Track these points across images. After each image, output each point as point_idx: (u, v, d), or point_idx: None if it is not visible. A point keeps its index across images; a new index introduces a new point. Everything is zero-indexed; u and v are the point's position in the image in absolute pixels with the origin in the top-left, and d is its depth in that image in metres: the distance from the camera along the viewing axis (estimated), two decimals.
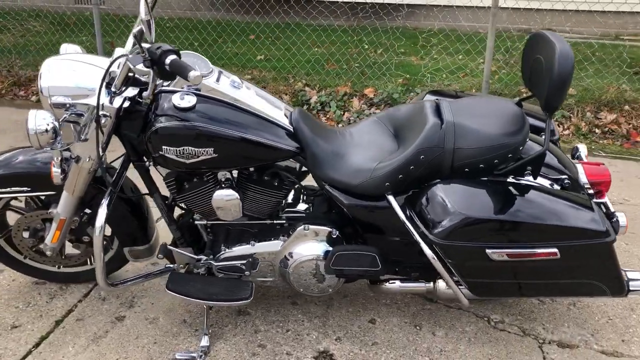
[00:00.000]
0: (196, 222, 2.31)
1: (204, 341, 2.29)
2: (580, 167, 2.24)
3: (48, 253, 2.41)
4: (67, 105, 2.00)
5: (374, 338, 2.36)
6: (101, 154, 2.08)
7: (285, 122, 2.15)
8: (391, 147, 2.21)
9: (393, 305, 2.55)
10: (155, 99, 2.06)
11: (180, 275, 2.34)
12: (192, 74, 1.65)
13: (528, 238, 1.94)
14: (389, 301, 2.57)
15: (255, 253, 2.28)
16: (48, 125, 1.92)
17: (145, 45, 1.82)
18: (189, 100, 1.99)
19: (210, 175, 2.18)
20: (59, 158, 2.07)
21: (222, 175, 2.18)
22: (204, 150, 2.02)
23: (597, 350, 2.30)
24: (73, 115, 2.00)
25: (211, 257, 2.31)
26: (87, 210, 2.37)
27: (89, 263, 2.61)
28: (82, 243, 2.48)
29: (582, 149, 2.44)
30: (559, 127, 4.52)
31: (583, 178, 2.21)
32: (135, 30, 1.86)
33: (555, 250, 1.94)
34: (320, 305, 2.54)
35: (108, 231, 2.33)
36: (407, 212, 2.09)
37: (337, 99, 4.87)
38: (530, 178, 2.09)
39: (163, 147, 2.01)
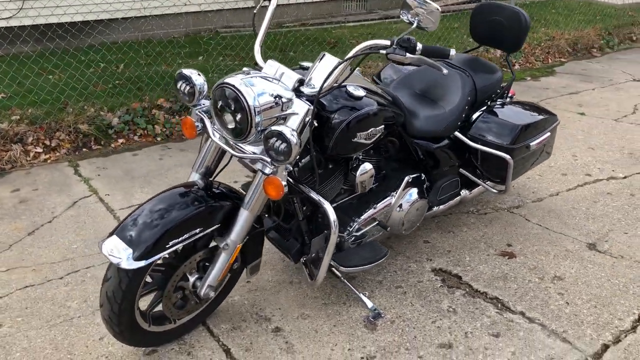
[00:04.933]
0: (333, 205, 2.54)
1: (369, 302, 2.60)
2: None
3: (211, 295, 2.24)
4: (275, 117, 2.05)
5: (444, 247, 3.09)
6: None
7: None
8: (430, 101, 2.93)
9: (422, 227, 3.28)
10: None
11: (342, 255, 2.54)
12: (452, 51, 2.08)
13: (540, 130, 3.04)
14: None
15: (374, 214, 2.69)
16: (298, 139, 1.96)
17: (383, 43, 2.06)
18: (360, 90, 2.29)
19: (342, 159, 2.49)
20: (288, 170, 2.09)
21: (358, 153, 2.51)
22: (379, 128, 2.36)
23: (547, 195, 3.61)
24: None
25: (346, 232, 2.60)
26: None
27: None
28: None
29: None
30: None
31: None
32: (411, 29, 2.07)
33: (549, 133, 3.10)
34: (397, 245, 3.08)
35: None
36: (470, 137, 2.90)
37: (138, 115, 4.78)
38: (506, 99, 3.17)
39: (357, 134, 2.26)
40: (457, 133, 2.88)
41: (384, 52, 2.04)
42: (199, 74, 2.19)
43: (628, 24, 8.71)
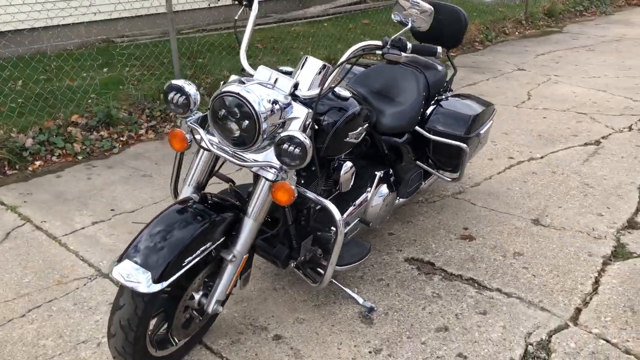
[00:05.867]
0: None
1: (359, 298, 2.65)
2: None
3: (220, 310, 2.18)
4: (278, 124, 2.05)
5: (408, 237, 3.21)
6: None
7: None
8: (389, 98, 3.03)
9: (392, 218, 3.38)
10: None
11: None
12: (439, 49, 2.17)
13: (485, 119, 3.26)
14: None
15: (354, 212, 2.75)
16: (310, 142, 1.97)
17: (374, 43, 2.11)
18: (346, 91, 2.34)
19: (326, 161, 2.52)
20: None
21: None
22: (364, 127, 2.42)
23: (482, 180, 3.86)
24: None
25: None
26: None
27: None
28: None
29: None
30: None
31: None
32: (405, 29, 2.10)
33: (492, 121, 3.34)
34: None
35: None
36: (427, 130, 3.05)
37: (53, 134, 4.45)
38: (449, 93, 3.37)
39: (349, 133, 2.31)
40: (417, 127, 3.02)
41: (379, 52, 2.10)
42: (190, 84, 2.12)
43: (500, 18, 9.49)
